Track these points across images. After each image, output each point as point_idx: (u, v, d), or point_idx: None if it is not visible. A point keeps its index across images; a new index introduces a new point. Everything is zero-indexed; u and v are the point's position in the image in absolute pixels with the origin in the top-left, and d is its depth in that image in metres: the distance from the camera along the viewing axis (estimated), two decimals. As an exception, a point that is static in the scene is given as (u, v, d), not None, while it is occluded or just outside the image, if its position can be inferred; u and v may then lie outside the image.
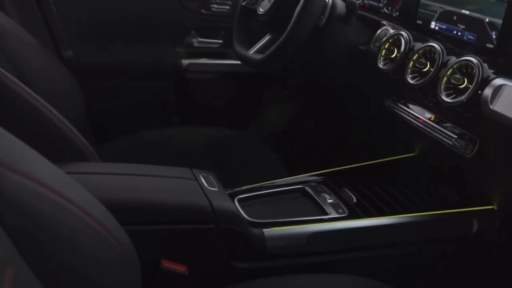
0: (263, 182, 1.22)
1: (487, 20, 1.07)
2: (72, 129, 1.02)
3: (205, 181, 1.01)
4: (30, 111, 0.95)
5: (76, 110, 1.40)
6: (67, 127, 1.00)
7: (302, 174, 1.27)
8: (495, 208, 1.16)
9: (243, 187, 1.17)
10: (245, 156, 1.54)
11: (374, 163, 1.34)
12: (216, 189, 1.00)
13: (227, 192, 1.06)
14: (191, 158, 1.46)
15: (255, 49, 1.45)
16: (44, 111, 0.97)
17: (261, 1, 1.43)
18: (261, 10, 1.42)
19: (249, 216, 1.04)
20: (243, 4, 1.52)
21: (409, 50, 1.25)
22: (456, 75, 1.09)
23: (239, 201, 1.10)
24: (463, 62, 1.09)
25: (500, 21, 1.04)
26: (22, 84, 0.96)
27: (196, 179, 1.00)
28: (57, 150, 0.99)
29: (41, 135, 0.97)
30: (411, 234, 1.15)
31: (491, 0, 1.05)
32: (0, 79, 0.91)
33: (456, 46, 1.16)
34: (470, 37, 1.12)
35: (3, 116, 0.89)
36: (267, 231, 1.01)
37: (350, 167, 1.32)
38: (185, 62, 1.81)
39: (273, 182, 1.22)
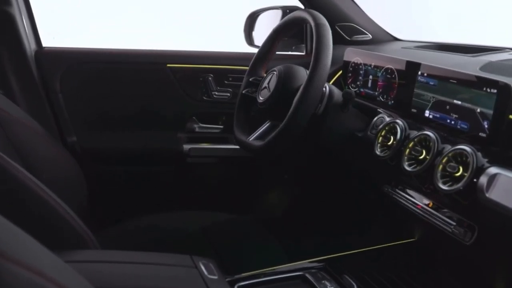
0: (263, 268, 1.21)
1: (478, 110, 1.10)
2: (74, 216, 1.03)
3: (205, 269, 1.00)
4: (32, 199, 0.97)
5: (78, 195, 1.42)
6: (69, 214, 1.01)
7: (303, 259, 1.26)
8: (498, 296, 1.15)
9: (243, 274, 1.16)
10: (245, 241, 1.54)
11: (374, 248, 1.34)
12: (216, 277, 0.99)
13: (227, 279, 1.05)
14: (191, 244, 1.46)
15: (255, 135, 1.48)
16: (46, 199, 0.98)
17: (261, 90, 1.48)
18: (261, 98, 1.46)
19: (249, 305, 1.03)
20: (243, 92, 1.56)
21: (405, 138, 1.28)
22: (452, 163, 1.10)
23: (239, 288, 1.09)
24: (457, 151, 1.11)
25: (491, 112, 1.07)
26: (25, 172, 0.97)
27: (196, 267, 1.00)
28: (58, 237, 1.00)
29: (43, 222, 0.98)
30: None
31: (481, 92, 1.09)
32: (3, 166, 0.93)
33: (450, 134, 1.18)
34: (463, 126, 1.15)
35: (4, 203, 0.91)
36: (267, 321, 1.00)
37: (350, 253, 1.31)
38: (187, 147, 1.84)
39: (274, 269, 1.21)
